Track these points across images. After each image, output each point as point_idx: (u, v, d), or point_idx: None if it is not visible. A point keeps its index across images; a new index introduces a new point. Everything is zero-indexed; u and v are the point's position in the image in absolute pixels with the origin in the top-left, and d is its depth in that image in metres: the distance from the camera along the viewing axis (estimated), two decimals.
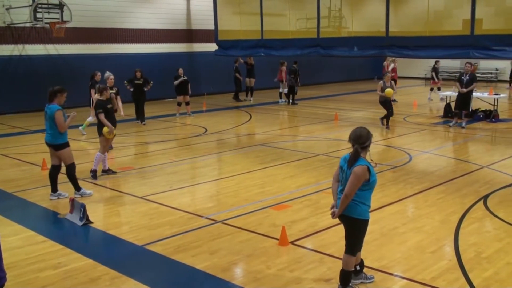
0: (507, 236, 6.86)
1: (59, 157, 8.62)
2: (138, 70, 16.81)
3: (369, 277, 5.59)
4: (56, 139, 8.48)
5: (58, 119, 8.32)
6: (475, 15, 14.72)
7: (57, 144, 8.50)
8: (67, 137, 8.62)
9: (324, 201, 8.26)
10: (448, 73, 33.82)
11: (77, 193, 8.78)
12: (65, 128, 8.45)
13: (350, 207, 5.13)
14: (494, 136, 14.30)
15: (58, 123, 8.34)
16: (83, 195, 8.77)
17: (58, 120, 8.32)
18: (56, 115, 8.31)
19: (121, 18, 22.70)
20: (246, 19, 21.15)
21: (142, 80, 16.66)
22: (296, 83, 22.19)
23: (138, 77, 16.63)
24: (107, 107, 9.98)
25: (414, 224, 7.37)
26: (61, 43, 20.56)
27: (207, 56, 23.67)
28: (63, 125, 8.37)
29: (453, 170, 10.48)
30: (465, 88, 15.13)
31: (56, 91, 8.43)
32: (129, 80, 16.75)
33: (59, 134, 8.44)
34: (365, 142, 5.09)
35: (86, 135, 14.65)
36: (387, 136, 14.43)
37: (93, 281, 5.74)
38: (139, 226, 7.47)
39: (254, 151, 12.58)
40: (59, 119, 8.32)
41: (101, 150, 10.11)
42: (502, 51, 14.58)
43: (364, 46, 17.43)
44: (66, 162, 8.64)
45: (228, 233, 7.11)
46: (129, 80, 16.73)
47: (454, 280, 5.58)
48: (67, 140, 8.63)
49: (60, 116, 8.34)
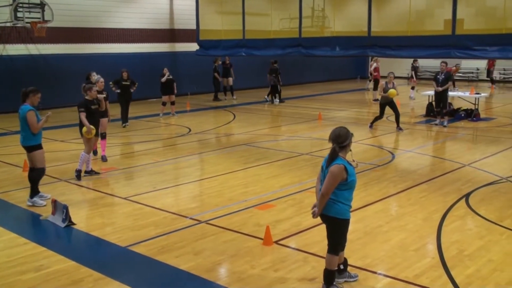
0: (489, 233, 6.95)
1: (30, 159, 8.37)
2: (125, 70, 16.12)
3: (353, 276, 5.62)
4: (28, 140, 8.25)
5: (30, 120, 8.10)
6: (457, 15, 14.90)
7: (28, 146, 8.29)
8: (40, 139, 8.39)
9: (308, 200, 8.29)
10: (430, 72, 34.11)
11: (30, 200, 8.41)
12: (38, 129, 8.21)
13: (329, 207, 5.15)
14: (475, 135, 14.47)
15: (30, 124, 8.12)
16: (34, 204, 8.35)
17: (29, 120, 8.10)
18: (28, 115, 8.10)
19: (104, 17, 22.52)
20: (228, 19, 21.16)
21: (129, 81, 16.09)
22: (278, 82, 22.29)
23: (125, 78, 15.98)
24: (90, 107, 9.87)
25: (397, 222, 7.43)
26: (42, 43, 20.34)
27: (190, 56, 23.60)
28: (35, 125, 8.14)
29: (436, 169, 10.58)
30: (440, 86, 15.31)
31: (29, 91, 8.23)
32: (115, 81, 16.02)
33: (32, 135, 8.21)
34: (344, 141, 5.11)
35: (71, 135, 14.48)
36: (370, 135, 14.51)
37: (76, 283, 5.68)
38: (122, 227, 7.42)
39: (237, 151, 12.57)
40: (31, 119, 8.10)
41: (85, 150, 9.99)
42: (483, 51, 14.78)
43: (346, 46, 17.54)
44: (35, 165, 8.37)
45: (212, 233, 7.09)
46: (115, 81, 16.02)
47: (437, 278, 5.63)
48: (40, 142, 8.39)
49: (31, 117, 8.11)
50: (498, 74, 31.51)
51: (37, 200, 8.41)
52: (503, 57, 15.12)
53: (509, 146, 12.75)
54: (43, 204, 8.37)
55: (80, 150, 12.16)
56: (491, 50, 14.57)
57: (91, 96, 9.93)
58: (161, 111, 18.36)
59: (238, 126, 16.75)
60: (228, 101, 23.40)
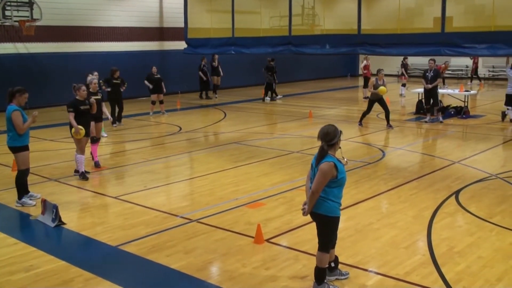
0: (479, 230, 6.99)
1: (15, 160, 8.24)
2: (116, 69, 15.94)
3: (344, 273, 5.63)
4: (13, 141, 8.09)
5: (15, 121, 7.94)
6: (446, 13, 14.95)
7: (13, 147, 8.14)
8: (27, 141, 8.21)
9: (299, 198, 8.29)
10: (420, 70, 34.27)
11: (18, 202, 8.31)
12: (24, 130, 8.03)
13: (319, 204, 5.15)
14: (465, 132, 14.55)
15: (15, 125, 7.96)
16: (24, 205, 8.26)
17: (15, 121, 7.94)
18: (13, 116, 7.94)
19: (93, 16, 22.39)
20: (217, 17, 21.11)
21: (120, 79, 15.92)
22: (273, 80, 22.34)
23: (116, 76, 15.80)
24: (80, 107, 9.65)
25: (388, 220, 7.45)
26: (31, 41, 20.19)
27: (179, 54, 23.51)
28: (21, 126, 7.96)
29: (426, 166, 10.62)
30: (430, 84, 15.43)
31: (15, 91, 8.07)
32: (105, 79, 15.78)
33: (18, 136, 8.04)
34: (332, 139, 5.11)
35: (61, 134, 14.38)
36: (360, 133, 14.55)
37: (66, 283, 5.65)
38: (113, 226, 7.39)
39: (228, 149, 12.56)
40: (16, 120, 7.94)
41: (78, 151, 9.82)
42: (472, 48, 14.84)
43: (336, 44, 17.56)
44: (19, 166, 8.24)
45: (203, 232, 7.08)
46: (106, 80, 15.79)
47: (428, 275, 5.66)
48: (27, 144, 8.21)
49: (16, 117, 7.94)
50: (487, 71, 31.73)
51: (26, 200, 8.32)
52: (491, 54, 15.18)
53: (498, 143, 12.84)
54: (33, 204, 8.29)
55: (69, 149, 12.12)
56: (480, 48, 14.63)
57: (81, 96, 9.71)
58: (151, 109, 18.30)
59: (229, 124, 16.73)
60: (218, 99, 23.39)
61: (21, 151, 8.15)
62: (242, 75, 26.72)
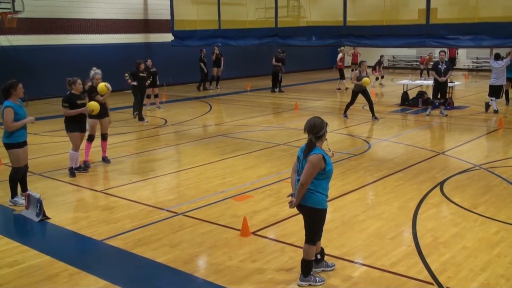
0: (463, 220, 7.05)
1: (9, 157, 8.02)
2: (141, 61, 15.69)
3: (330, 265, 5.65)
4: (5, 138, 7.85)
5: (5, 117, 7.68)
6: (430, 5, 15.01)
7: (4, 143, 7.91)
8: (20, 138, 7.87)
9: (285, 190, 8.29)
10: (404, 61, 34.44)
11: (11, 200, 8.09)
12: (11, 128, 7.70)
13: (307, 196, 5.15)
14: (449, 123, 14.65)
15: (4, 121, 7.70)
16: (16, 204, 8.02)
17: (4, 118, 7.69)
18: (4, 112, 7.68)
19: (76, 8, 22.13)
20: (203, 9, 21.00)
21: (146, 72, 15.76)
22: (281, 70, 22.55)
23: (141, 69, 15.54)
24: (76, 102, 9.30)
25: (373, 211, 7.49)
26: (13, 34, 19.93)
27: (164, 47, 23.37)
28: (8, 124, 7.66)
29: (411, 157, 10.68)
30: (444, 76, 14.98)
31: (8, 87, 7.76)
32: (131, 72, 15.52)
33: (10, 133, 7.78)
34: (319, 131, 5.11)
35: (44, 128, 14.24)
36: (345, 125, 14.58)
37: (51, 278, 5.61)
38: (98, 220, 7.34)
39: (214, 142, 12.52)
40: (5, 116, 7.67)
41: (73, 148, 9.57)
42: (456, 40, 14.94)
43: (322, 35, 17.57)
44: (11, 163, 8.04)
45: (190, 225, 7.06)
46: (132, 73, 15.51)
47: (413, 265, 5.70)
48: (19, 141, 7.87)
49: (6, 114, 7.66)
50: (471, 62, 31.95)
51: (18, 200, 8.07)
52: (475, 45, 15.29)
53: (482, 134, 12.95)
54: (24, 203, 7.91)
55: (53, 143, 12.02)
56: (464, 39, 14.73)
57: (76, 90, 9.34)
58: (147, 103, 17.92)
59: (215, 117, 16.68)
60: (213, 90, 23.32)
61: (11, 148, 7.87)
62: (227, 67, 26.61)
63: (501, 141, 12.38)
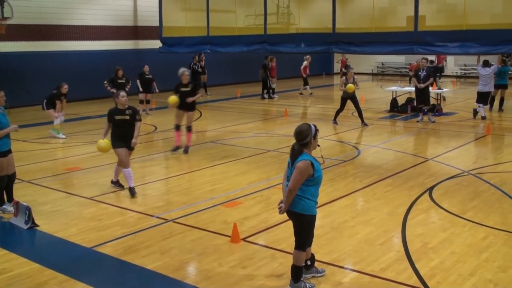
0: (451, 226, 7.10)
1: None
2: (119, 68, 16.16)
3: (320, 271, 5.66)
4: None
5: None
6: (419, 12, 15.13)
7: None
8: (4, 147, 7.67)
9: (276, 196, 8.30)
10: (393, 68, 34.66)
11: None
12: None
13: (295, 203, 5.17)
14: (438, 129, 14.75)
15: None
16: (4, 212, 7.90)
17: None
18: None
19: (65, 14, 22.05)
20: (192, 15, 20.99)
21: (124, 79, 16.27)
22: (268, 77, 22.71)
23: (120, 75, 15.91)
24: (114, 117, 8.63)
25: (363, 217, 7.52)
26: (2, 40, 19.80)
27: (154, 53, 23.32)
28: None
29: (400, 163, 10.74)
30: (423, 83, 15.30)
31: None
32: (110, 79, 16.14)
33: None
34: (304, 138, 5.12)
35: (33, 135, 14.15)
36: (335, 131, 14.64)
37: (40, 286, 5.57)
38: (87, 227, 7.30)
39: (204, 149, 12.52)
40: None
41: (118, 163, 9.00)
42: (444, 47, 15.05)
43: (311, 42, 17.62)
44: None
45: (180, 232, 7.05)
46: (110, 80, 16.15)
47: (402, 271, 5.73)
48: (4, 150, 7.65)
49: None
50: (459, 69, 32.21)
51: (6, 207, 7.95)
52: (463, 52, 15.42)
53: (470, 140, 13.05)
54: (13, 211, 7.80)
55: (43, 150, 11.98)
56: (452, 46, 14.83)
57: (121, 105, 8.65)
58: (141, 108, 17.82)
59: (205, 123, 16.67)
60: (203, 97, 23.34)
61: None
62: (217, 74, 26.62)
63: (489, 147, 12.50)
